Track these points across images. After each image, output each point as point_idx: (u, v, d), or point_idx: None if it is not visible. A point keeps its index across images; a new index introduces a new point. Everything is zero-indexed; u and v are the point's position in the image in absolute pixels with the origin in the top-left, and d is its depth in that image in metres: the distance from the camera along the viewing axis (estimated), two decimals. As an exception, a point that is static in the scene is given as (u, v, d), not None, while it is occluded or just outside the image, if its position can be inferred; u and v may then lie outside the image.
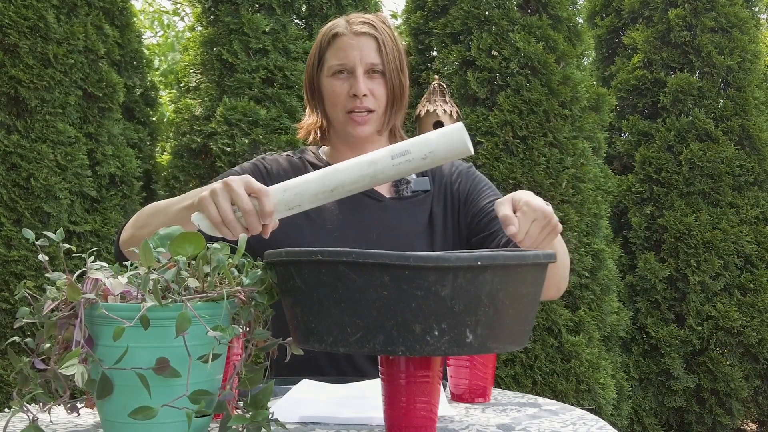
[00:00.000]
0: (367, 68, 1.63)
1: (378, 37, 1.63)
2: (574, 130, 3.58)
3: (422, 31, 3.76)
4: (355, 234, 1.64)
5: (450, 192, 1.73)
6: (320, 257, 0.98)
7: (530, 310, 1.05)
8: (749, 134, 4.25)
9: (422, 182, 1.73)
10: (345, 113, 1.64)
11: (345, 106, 1.64)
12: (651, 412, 4.08)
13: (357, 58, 1.62)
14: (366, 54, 1.62)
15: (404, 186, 1.70)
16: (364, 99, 1.62)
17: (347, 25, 1.65)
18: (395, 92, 1.65)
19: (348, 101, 1.63)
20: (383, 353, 0.97)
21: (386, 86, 1.64)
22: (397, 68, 1.64)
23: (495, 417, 1.26)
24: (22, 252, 2.93)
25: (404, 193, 1.70)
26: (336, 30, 1.65)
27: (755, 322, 4.10)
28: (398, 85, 1.65)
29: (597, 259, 3.59)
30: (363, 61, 1.62)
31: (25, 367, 1.00)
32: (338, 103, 1.64)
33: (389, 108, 1.66)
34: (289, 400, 1.34)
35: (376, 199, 1.69)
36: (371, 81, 1.63)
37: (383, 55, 1.62)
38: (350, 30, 1.63)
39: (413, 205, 1.70)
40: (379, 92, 1.64)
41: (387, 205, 1.69)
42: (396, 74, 1.64)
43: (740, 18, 4.29)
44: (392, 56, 1.63)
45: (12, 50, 2.98)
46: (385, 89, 1.64)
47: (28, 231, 1.05)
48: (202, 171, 3.40)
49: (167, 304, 0.97)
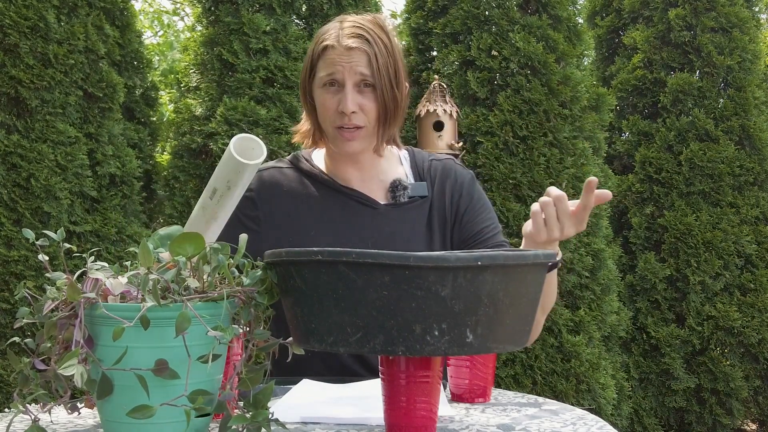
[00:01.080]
0: (357, 82, 1.57)
1: (369, 51, 1.56)
2: (574, 130, 3.58)
3: (422, 31, 3.76)
4: (348, 243, 1.63)
5: (450, 201, 1.70)
6: (320, 257, 0.98)
7: (530, 310, 1.05)
8: (749, 134, 4.25)
9: (420, 187, 1.69)
10: (334, 128, 1.60)
11: (334, 121, 1.59)
12: (651, 412, 4.08)
13: (346, 73, 1.56)
14: (356, 68, 1.56)
15: (401, 192, 1.67)
16: (353, 116, 1.57)
17: (338, 36, 1.58)
18: (387, 107, 1.58)
19: (337, 117, 1.58)
20: (383, 353, 0.97)
21: (377, 101, 1.58)
22: (390, 81, 1.58)
23: (495, 417, 1.26)
24: (22, 252, 2.93)
25: (401, 199, 1.67)
26: (327, 42, 1.58)
27: (755, 322, 4.10)
28: (391, 99, 1.58)
29: (597, 259, 3.59)
30: (352, 77, 1.56)
31: (25, 367, 1.00)
32: (327, 117, 1.60)
33: (381, 123, 1.60)
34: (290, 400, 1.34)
35: (370, 206, 1.66)
36: (361, 96, 1.57)
37: (374, 69, 1.56)
38: (341, 43, 1.57)
39: (410, 211, 1.68)
40: (369, 107, 1.58)
41: (382, 212, 1.66)
42: (389, 88, 1.57)
43: (740, 18, 4.29)
44: (385, 69, 1.57)
45: (12, 50, 2.98)
46: (376, 104, 1.58)
47: (28, 231, 1.05)
48: (202, 171, 3.40)
49: (167, 304, 0.97)
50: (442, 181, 1.71)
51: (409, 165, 1.74)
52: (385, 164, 1.71)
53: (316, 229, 1.64)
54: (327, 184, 1.68)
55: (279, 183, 1.69)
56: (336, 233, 1.64)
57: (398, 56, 1.62)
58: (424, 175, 1.72)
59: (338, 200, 1.67)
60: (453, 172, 1.73)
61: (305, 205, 1.66)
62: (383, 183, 1.70)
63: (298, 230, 1.64)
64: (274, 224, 1.65)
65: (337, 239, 1.63)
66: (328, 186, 1.68)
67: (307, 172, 1.70)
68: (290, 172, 1.71)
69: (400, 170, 1.73)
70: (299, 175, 1.70)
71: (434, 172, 1.73)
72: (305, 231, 1.64)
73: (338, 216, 1.65)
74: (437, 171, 1.73)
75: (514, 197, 3.47)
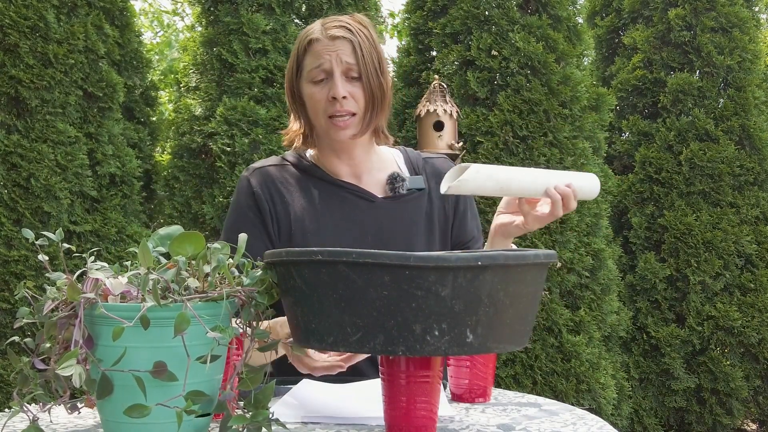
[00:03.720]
0: (344, 70, 1.61)
1: (353, 39, 1.61)
2: (574, 129, 3.58)
3: (422, 31, 3.76)
4: (349, 238, 1.64)
5: (449, 198, 1.73)
6: (320, 257, 0.98)
7: (530, 310, 1.05)
8: (749, 134, 4.25)
9: (417, 180, 1.72)
10: (326, 118, 1.63)
11: (326, 110, 1.62)
12: (651, 412, 4.07)
13: (333, 61, 1.60)
14: (342, 56, 1.60)
15: (400, 183, 1.69)
16: (344, 102, 1.60)
17: (322, 30, 1.63)
18: (374, 94, 1.63)
19: (328, 106, 1.62)
20: (383, 353, 0.97)
21: (364, 89, 1.62)
22: (375, 69, 1.62)
23: (495, 417, 1.26)
24: (22, 252, 2.93)
25: (400, 191, 1.69)
26: (311, 36, 1.64)
27: (755, 322, 4.10)
28: (377, 87, 1.62)
29: (597, 259, 3.59)
30: (339, 64, 1.60)
31: (25, 367, 1.00)
32: (319, 108, 1.63)
33: (369, 110, 1.63)
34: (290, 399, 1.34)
35: (368, 199, 1.68)
36: (350, 84, 1.61)
37: (359, 57, 1.60)
38: (325, 34, 1.62)
39: (408, 204, 1.70)
40: (358, 95, 1.62)
41: (380, 206, 1.68)
42: (375, 76, 1.62)
43: (740, 18, 4.29)
44: (369, 57, 1.61)
45: (12, 50, 2.98)
46: (363, 92, 1.62)
47: (28, 231, 1.05)
48: (202, 171, 3.40)
49: (167, 304, 0.97)
50: (437, 176, 1.73)
51: (403, 162, 1.76)
52: (377, 160, 1.73)
53: (317, 225, 1.65)
54: (324, 178, 1.70)
55: (278, 180, 1.70)
56: (336, 227, 1.65)
57: (380, 48, 1.66)
58: (420, 170, 1.75)
59: (337, 195, 1.68)
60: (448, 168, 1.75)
61: (305, 200, 1.67)
62: (378, 178, 1.71)
63: (300, 226, 1.64)
64: (278, 220, 1.66)
65: (337, 233, 1.64)
66: (325, 181, 1.69)
67: (303, 168, 1.71)
68: (288, 168, 1.72)
69: (394, 166, 1.75)
70: (296, 172, 1.72)
71: (430, 169, 1.76)
72: (306, 227, 1.64)
73: (337, 210, 1.66)
74: (433, 168, 1.76)
75: (514, 197, 3.46)
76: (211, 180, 3.37)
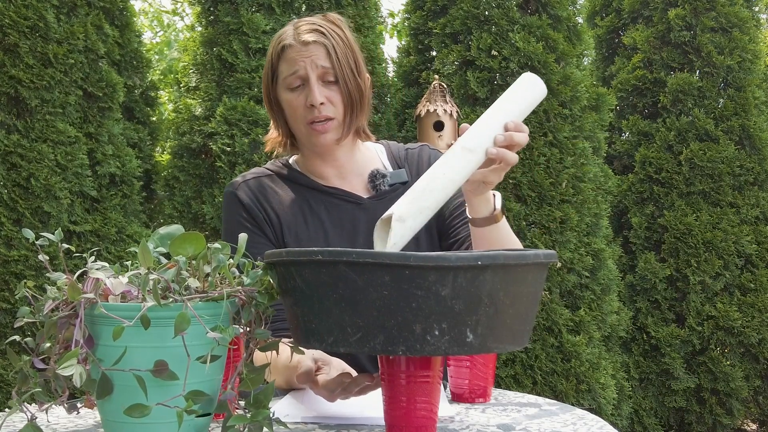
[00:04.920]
0: (320, 75, 1.59)
1: (326, 43, 1.59)
2: (574, 129, 3.58)
3: (422, 31, 3.76)
4: (342, 241, 1.63)
5: None
6: (321, 257, 0.98)
7: (530, 310, 1.05)
8: (749, 134, 4.25)
9: (399, 174, 1.70)
10: (306, 125, 1.62)
11: (304, 117, 1.61)
12: (651, 412, 4.08)
13: (308, 67, 1.59)
14: (317, 61, 1.59)
15: (380, 180, 1.68)
16: (322, 107, 1.59)
17: (295, 34, 1.61)
18: (353, 96, 1.61)
19: (307, 112, 1.60)
20: (383, 353, 0.97)
21: (341, 92, 1.61)
22: (351, 70, 1.61)
23: (495, 417, 1.26)
24: (22, 252, 2.93)
25: (381, 188, 1.68)
26: (284, 42, 1.62)
27: (755, 322, 4.10)
28: (355, 89, 1.61)
29: (597, 259, 3.59)
30: (315, 69, 1.59)
31: (24, 366, 1.00)
32: (298, 116, 1.62)
33: (348, 113, 1.62)
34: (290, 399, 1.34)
35: (354, 201, 1.67)
36: (326, 89, 1.60)
37: (333, 60, 1.59)
38: (298, 39, 1.60)
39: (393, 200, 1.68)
40: (336, 99, 1.60)
41: (366, 206, 1.66)
42: (351, 77, 1.60)
43: (740, 18, 4.29)
44: (344, 59, 1.60)
45: (12, 50, 2.98)
46: (341, 95, 1.61)
47: (28, 231, 1.05)
48: (202, 171, 3.40)
49: (167, 303, 0.97)
50: (419, 165, 1.72)
51: (386, 156, 1.75)
52: (361, 159, 1.72)
53: (307, 232, 1.64)
54: (310, 185, 1.69)
55: (266, 189, 1.69)
56: (327, 233, 1.64)
57: (355, 48, 1.65)
58: (402, 162, 1.74)
59: (323, 200, 1.67)
60: (427, 156, 1.75)
61: (293, 209, 1.66)
62: (362, 177, 1.70)
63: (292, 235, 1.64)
64: (272, 228, 1.65)
65: (328, 238, 1.63)
66: (310, 187, 1.68)
67: (287, 177, 1.70)
68: (273, 178, 1.71)
69: (377, 162, 1.74)
70: (281, 181, 1.70)
71: (411, 158, 1.74)
72: (299, 235, 1.64)
73: (325, 216, 1.66)
74: (414, 157, 1.75)
75: (514, 197, 3.47)
76: (211, 180, 3.37)
